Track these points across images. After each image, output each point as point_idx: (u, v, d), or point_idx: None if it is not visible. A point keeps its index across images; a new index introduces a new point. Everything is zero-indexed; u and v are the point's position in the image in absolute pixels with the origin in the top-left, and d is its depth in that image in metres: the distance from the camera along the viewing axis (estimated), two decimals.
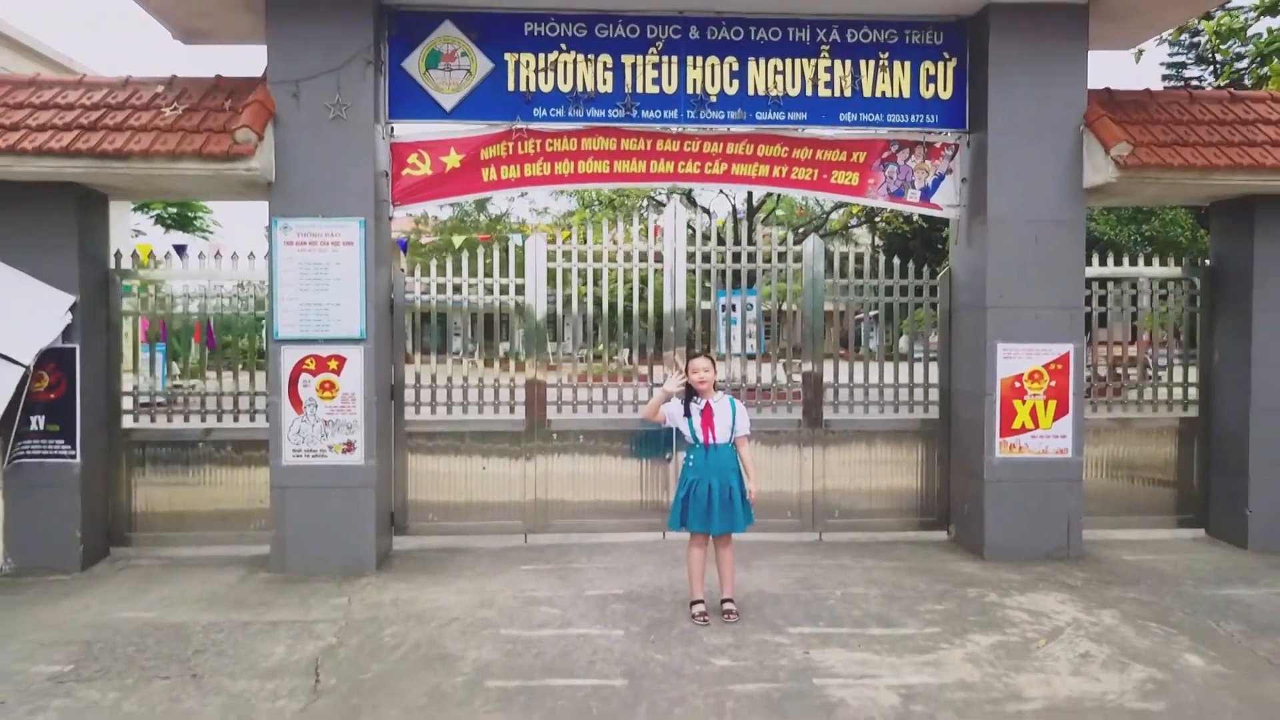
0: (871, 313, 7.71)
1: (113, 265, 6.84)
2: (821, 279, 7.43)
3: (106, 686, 4.31)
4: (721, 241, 7.39)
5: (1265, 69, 9.54)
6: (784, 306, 7.51)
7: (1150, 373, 7.86)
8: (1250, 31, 11.12)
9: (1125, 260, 7.63)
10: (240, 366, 7.14)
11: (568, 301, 7.33)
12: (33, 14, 48.19)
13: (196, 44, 7.41)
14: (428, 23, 6.67)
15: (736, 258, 7.40)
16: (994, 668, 4.59)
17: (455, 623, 5.22)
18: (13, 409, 6.05)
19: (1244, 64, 11.36)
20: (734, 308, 7.71)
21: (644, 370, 7.51)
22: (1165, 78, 13.07)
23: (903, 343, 7.76)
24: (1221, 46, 11.50)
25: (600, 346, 7.75)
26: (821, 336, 7.46)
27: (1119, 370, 7.89)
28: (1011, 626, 5.21)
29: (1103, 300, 7.56)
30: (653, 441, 7.28)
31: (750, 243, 7.42)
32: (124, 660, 4.63)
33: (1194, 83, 23.48)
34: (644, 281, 7.52)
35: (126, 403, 6.92)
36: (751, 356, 7.66)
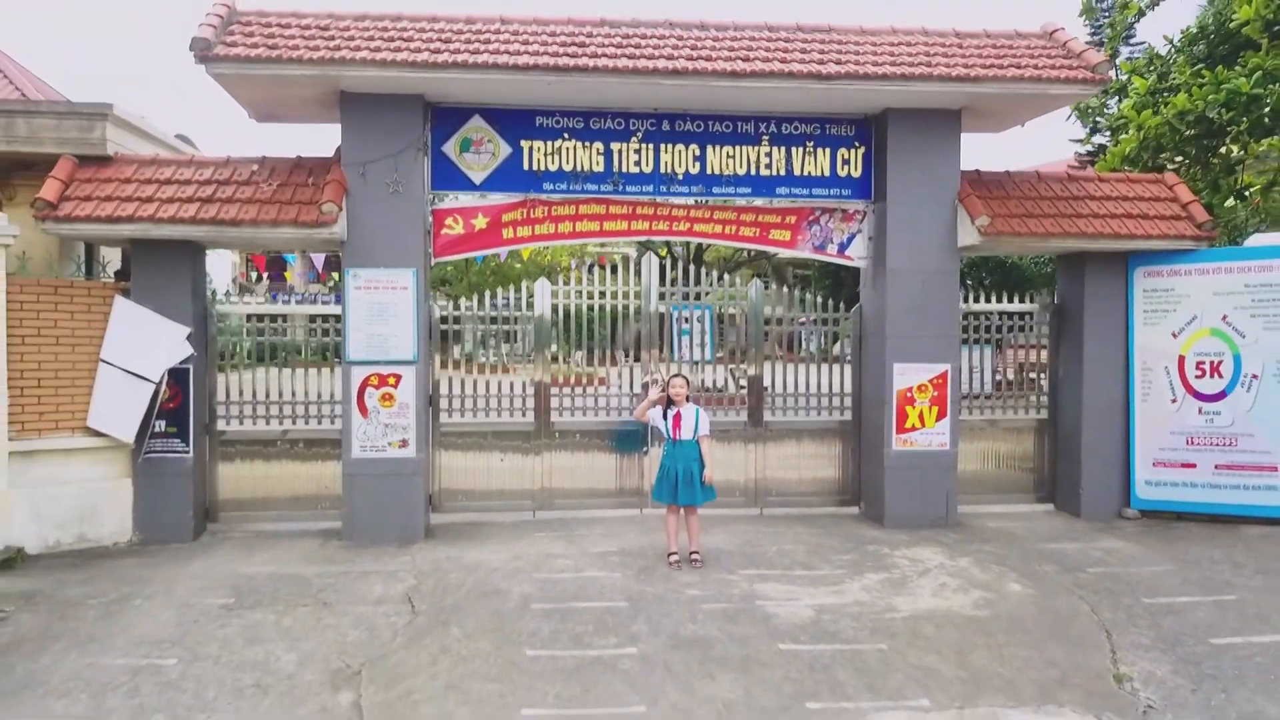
0: (807, 330, 9.54)
1: (210, 300, 8.38)
2: (762, 312, 9.23)
3: (265, 612, 5.93)
4: (686, 282, 9.16)
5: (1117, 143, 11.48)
6: (734, 329, 9.31)
7: (1014, 383, 9.76)
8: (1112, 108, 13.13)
9: (1000, 298, 9.52)
10: (309, 380, 8.69)
11: (567, 326, 9.03)
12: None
13: (268, 123, 8.98)
14: (461, 116, 8.32)
15: (698, 296, 9.18)
16: (879, 593, 6.41)
17: (497, 571, 6.90)
18: (147, 416, 7.59)
19: (1105, 138, 13.35)
20: (686, 320, 9.46)
21: (625, 373, 9.18)
22: (1074, 140, 15.10)
23: (835, 349, 9.53)
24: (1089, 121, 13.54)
25: (591, 353, 9.33)
26: (761, 354, 9.23)
27: (998, 380, 9.75)
28: (896, 569, 7.05)
29: (981, 328, 9.45)
30: (632, 439, 9.00)
31: (707, 283, 9.20)
32: (269, 596, 6.24)
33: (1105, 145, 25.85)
34: (625, 311, 9.21)
35: (220, 409, 8.46)
36: (697, 362, 9.37)
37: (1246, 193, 10.69)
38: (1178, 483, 8.75)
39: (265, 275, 37.51)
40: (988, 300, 9.51)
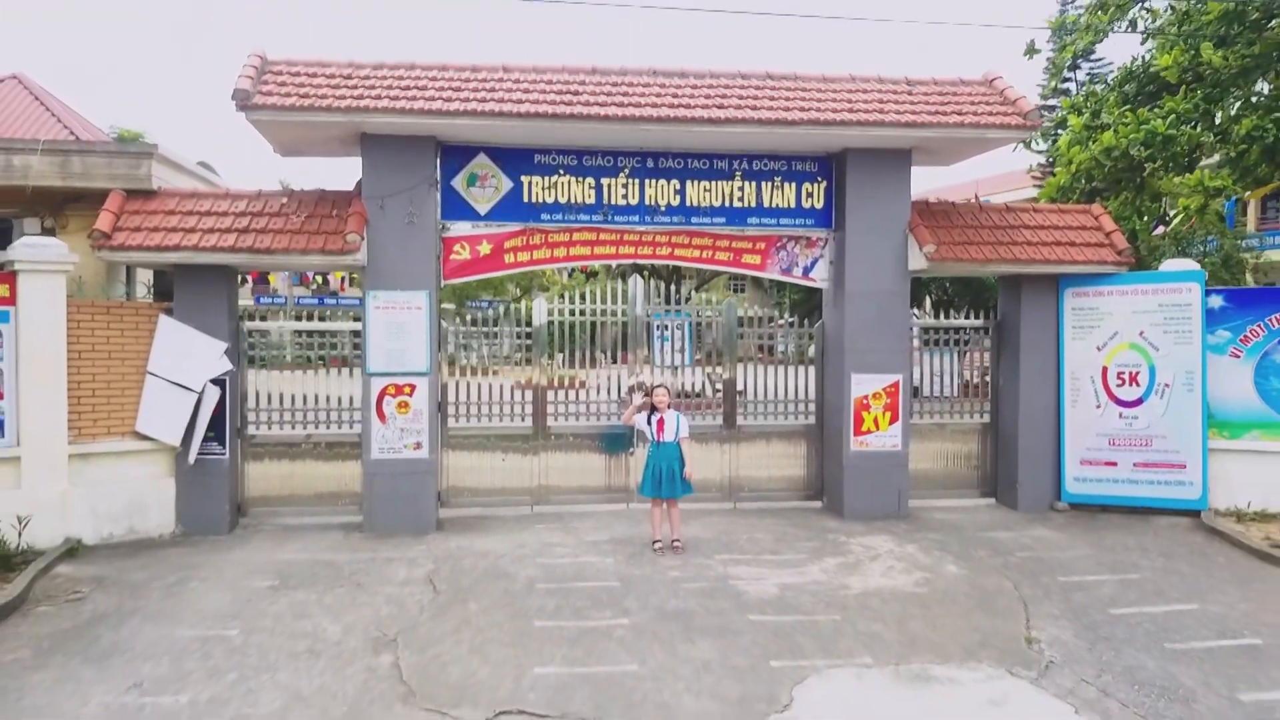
0: (782, 332, 10.46)
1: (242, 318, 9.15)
2: (735, 326, 10.11)
3: (307, 591, 6.73)
4: (667, 301, 10.03)
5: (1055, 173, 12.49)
6: (710, 334, 10.20)
7: (978, 385, 10.69)
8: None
9: (949, 314, 10.46)
10: (327, 385, 9.48)
11: (562, 337, 9.87)
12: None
13: (291, 158, 9.76)
14: (468, 154, 9.14)
15: (678, 312, 10.06)
16: (835, 574, 7.30)
17: (504, 557, 7.74)
18: (192, 422, 8.35)
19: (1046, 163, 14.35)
20: (666, 327, 10.32)
21: (613, 377, 10.01)
22: (1030, 171, 16.12)
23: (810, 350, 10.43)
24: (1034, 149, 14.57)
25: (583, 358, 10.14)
26: (735, 363, 10.11)
27: (964, 381, 10.65)
28: (851, 554, 7.94)
29: (932, 342, 10.38)
30: (619, 441, 9.85)
31: (686, 301, 10.07)
32: (308, 579, 7.05)
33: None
34: (613, 324, 10.06)
35: (250, 415, 9.23)
36: (676, 367, 10.21)
37: (1169, 218, 11.71)
38: (1102, 479, 9.71)
39: (250, 278, 37.97)
40: (945, 317, 10.49)
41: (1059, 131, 14.19)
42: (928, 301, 21.79)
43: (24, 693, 5.05)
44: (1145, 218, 11.49)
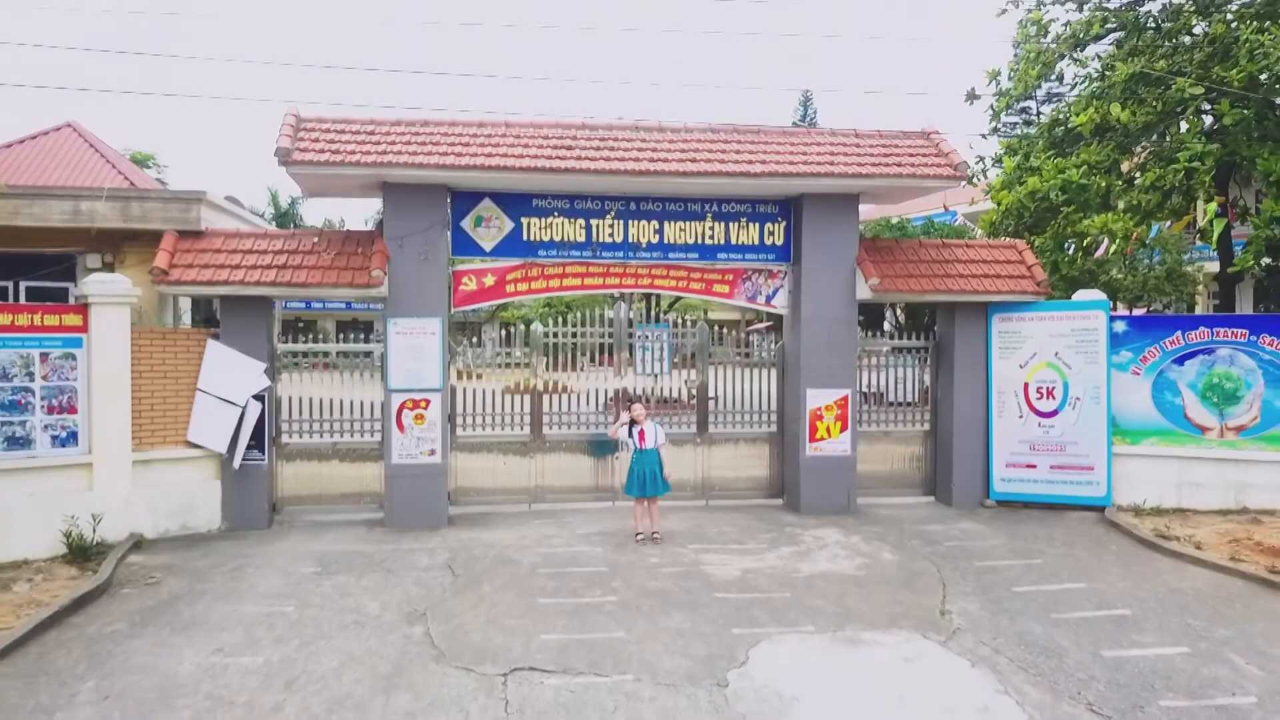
0: (759, 336, 11.60)
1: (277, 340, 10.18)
2: (707, 345, 11.26)
3: (346, 576, 7.79)
4: (647, 318, 11.15)
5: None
6: (684, 342, 11.34)
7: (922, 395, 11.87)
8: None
9: (899, 335, 11.65)
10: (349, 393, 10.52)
11: (557, 355, 10.98)
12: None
13: (315, 199, 10.80)
14: (475, 198, 10.23)
15: (658, 324, 11.19)
16: (789, 560, 8.44)
17: (509, 547, 8.82)
18: (236, 432, 9.38)
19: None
20: (647, 337, 11.44)
21: (600, 382, 11.14)
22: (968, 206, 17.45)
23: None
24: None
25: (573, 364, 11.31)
26: (706, 373, 11.24)
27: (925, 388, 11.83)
28: (803, 544, 9.09)
29: (879, 359, 11.56)
30: (605, 446, 10.95)
31: (666, 312, 11.22)
32: (345, 566, 8.10)
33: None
34: (601, 345, 11.20)
35: (283, 425, 10.25)
36: (655, 375, 11.33)
37: (1088, 251, 12.96)
38: (1024, 479, 10.92)
39: None
40: (902, 339, 11.68)
41: (1000, 165, 15.40)
42: (891, 318, 23.07)
43: (129, 655, 6.10)
44: (1070, 250, 12.74)
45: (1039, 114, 16.22)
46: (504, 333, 11.18)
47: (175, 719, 5.25)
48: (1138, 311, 20.95)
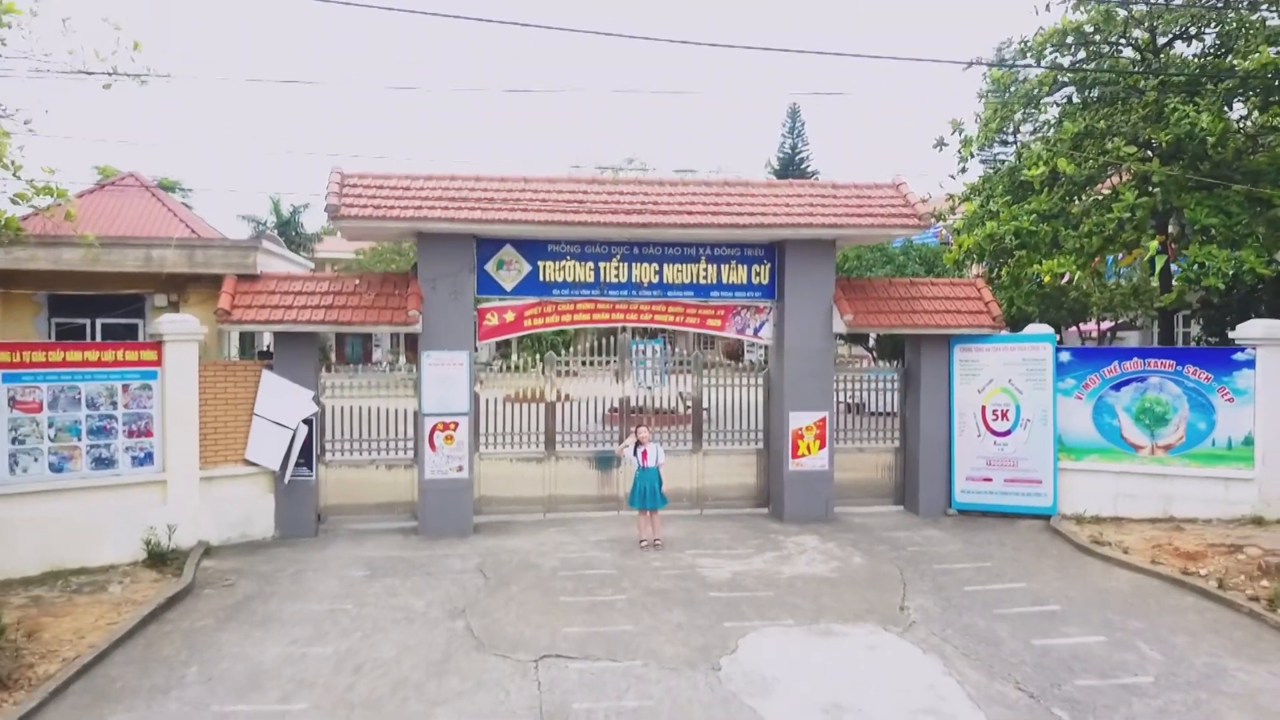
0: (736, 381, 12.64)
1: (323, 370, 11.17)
2: (701, 368, 12.29)
3: (393, 578, 8.79)
4: (644, 353, 12.19)
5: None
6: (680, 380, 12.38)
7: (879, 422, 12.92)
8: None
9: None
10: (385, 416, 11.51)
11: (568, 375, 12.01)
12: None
13: (355, 242, 11.82)
14: (497, 244, 11.26)
15: (654, 339, 12.23)
16: (773, 563, 9.47)
17: (531, 552, 9.83)
18: (288, 452, 10.36)
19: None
20: (644, 351, 12.47)
21: (603, 393, 12.18)
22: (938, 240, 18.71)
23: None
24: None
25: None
26: (701, 396, 12.27)
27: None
28: (785, 549, 10.11)
29: (860, 379, 12.60)
30: (610, 460, 11.97)
31: (659, 338, 12.25)
32: (390, 570, 9.10)
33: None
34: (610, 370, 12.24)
35: (327, 445, 11.23)
36: (651, 387, 12.38)
37: (1047, 287, 14.04)
38: (981, 491, 11.96)
39: None
40: (876, 364, 12.75)
41: (964, 205, 16.45)
42: (873, 336, 24.13)
43: (221, 646, 7.09)
44: (1024, 285, 13.89)
45: (1000, 160, 17.28)
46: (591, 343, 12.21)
47: (268, 697, 6.25)
48: (1104, 325, 22.04)
